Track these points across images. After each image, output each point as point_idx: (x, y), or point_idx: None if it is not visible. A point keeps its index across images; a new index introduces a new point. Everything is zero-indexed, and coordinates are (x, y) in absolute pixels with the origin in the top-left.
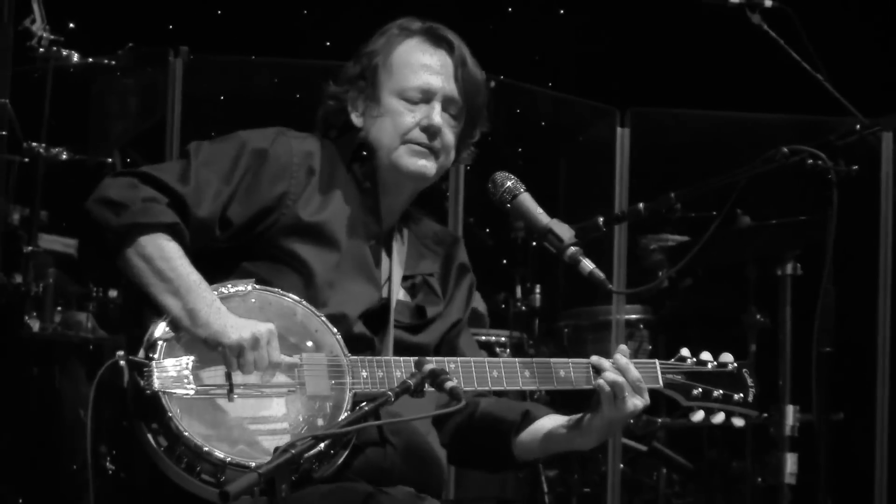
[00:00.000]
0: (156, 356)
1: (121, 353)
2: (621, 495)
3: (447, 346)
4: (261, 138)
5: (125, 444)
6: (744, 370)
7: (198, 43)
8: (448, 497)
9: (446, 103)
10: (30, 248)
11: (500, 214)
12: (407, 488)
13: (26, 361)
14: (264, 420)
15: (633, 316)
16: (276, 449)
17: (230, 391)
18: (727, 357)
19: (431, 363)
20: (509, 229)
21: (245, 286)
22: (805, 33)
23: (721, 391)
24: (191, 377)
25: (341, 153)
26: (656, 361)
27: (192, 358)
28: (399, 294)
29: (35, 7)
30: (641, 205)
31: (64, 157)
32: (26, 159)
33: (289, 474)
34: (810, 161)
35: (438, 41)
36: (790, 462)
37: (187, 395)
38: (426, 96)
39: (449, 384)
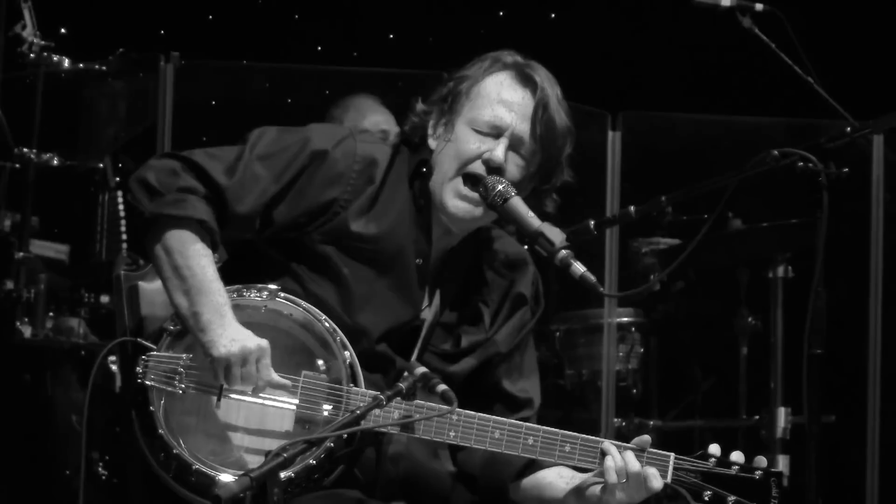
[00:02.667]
0: (157, 347)
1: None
2: None
3: (485, 378)
4: (326, 138)
5: (118, 449)
6: (772, 479)
7: (189, 48)
8: None
9: (515, 142)
10: (21, 254)
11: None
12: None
13: (18, 367)
14: (253, 432)
15: (625, 319)
16: (268, 453)
17: (219, 396)
18: (760, 462)
19: (422, 367)
20: None
21: (266, 295)
22: (796, 37)
23: (735, 498)
24: (183, 375)
25: (409, 167)
26: (671, 456)
27: (189, 356)
28: (447, 317)
29: (25, 13)
30: (633, 208)
31: (55, 162)
32: (17, 165)
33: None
34: (801, 164)
35: (525, 80)
36: (782, 464)
37: (175, 392)
38: (496, 131)
39: (440, 387)
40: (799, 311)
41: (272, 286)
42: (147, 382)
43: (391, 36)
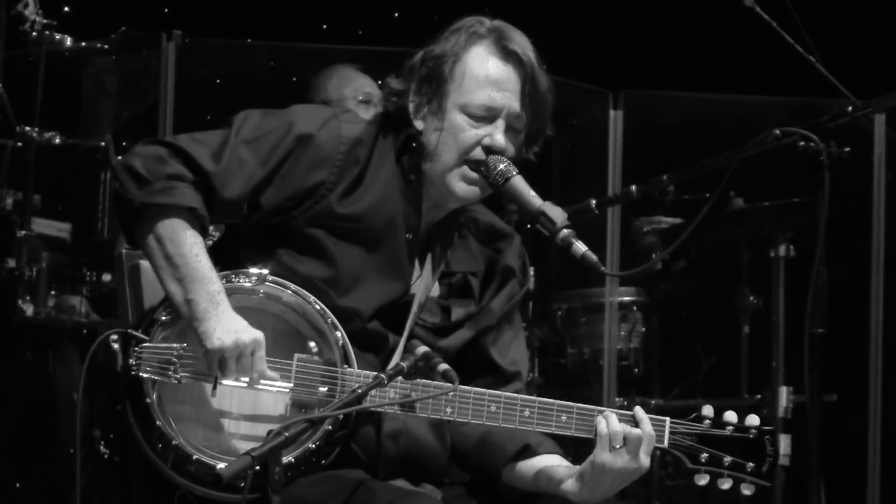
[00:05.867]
0: (150, 337)
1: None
2: None
3: (476, 352)
4: (310, 121)
5: (119, 427)
6: (766, 437)
7: (192, 26)
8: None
9: (510, 121)
10: (23, 232)
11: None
12: (401, 481)
13: (20, 346)
14: (247, 418)
15: (627, 298)
16: (269, 432)
17: (214, 385)
18: (752, 420)
19: (423, 346)
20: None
21: (255, 280)
22: (797, 15)
23: (731, 458)
24: (178, 365)
25: (394, 143)
26: (667, 420)
27: (183, 345)
28: (435, 291)
29: None
30: (634, 187)
31: (57, 141)
32: (19, 143)
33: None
34: (802, 143)
35: (507, 53)
36: (783, 443)
37: (170, 382)
38: (491, 114)
39: (442, 367)
40: (800, 290)
41: (261, 270)
42: (142, 374)
43: (396, 14)
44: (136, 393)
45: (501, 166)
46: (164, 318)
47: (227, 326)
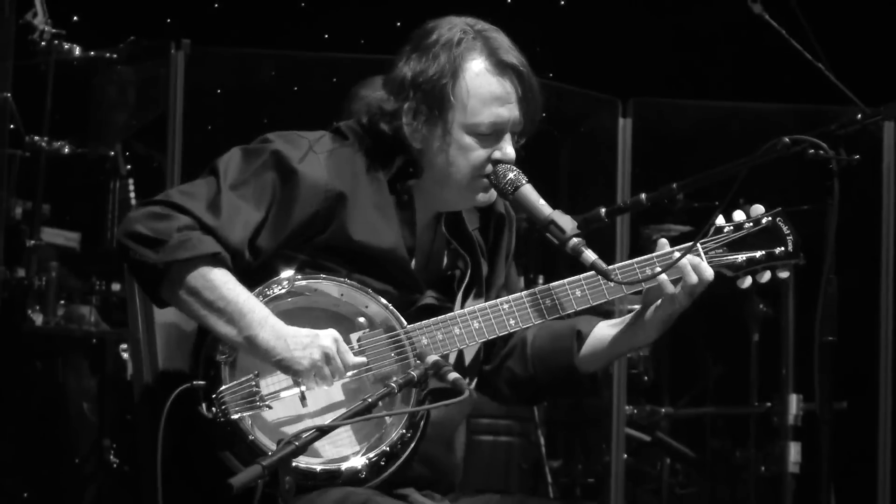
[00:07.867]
0: (221, 381)
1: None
2: (625, 485)
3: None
4: (291, 155)
5: (129, 438)
6: (778, 220)
7: (199, 36)
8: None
9: (514, 129)
10: (32, 241)
11: None
12: (408, 489)
13: (29, 355)
14: (339, 409)
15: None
16: (279, 441)
17: (302, 398)
18: (758, 210)
19: (435, 355)
20: None
21: (286, 284)
22: (806, 22)
23: (763, 251)
24: (262, 393)
25: (382, 163)
26: (698, 244)
27: (255, 374)
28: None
29: (36, 1)
30: (644, 195)
31: (66, 150)
32: (28, 153)
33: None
34: (812, 151)
35: (503, 66)
36: (793, 451)
37: (261, 413)
38: (498, 129)
39: (452, 375)
40: (810, 298)
41: (286, 274)
42: (233, 417)
43: (398, 24)
44: (234, 436)
45: (511, 175)
46: (223, 357)
47: (301, 342)
